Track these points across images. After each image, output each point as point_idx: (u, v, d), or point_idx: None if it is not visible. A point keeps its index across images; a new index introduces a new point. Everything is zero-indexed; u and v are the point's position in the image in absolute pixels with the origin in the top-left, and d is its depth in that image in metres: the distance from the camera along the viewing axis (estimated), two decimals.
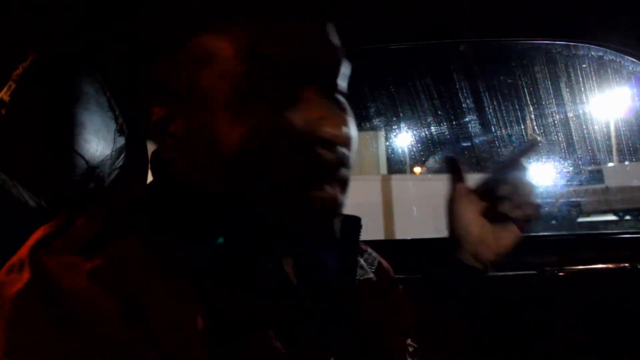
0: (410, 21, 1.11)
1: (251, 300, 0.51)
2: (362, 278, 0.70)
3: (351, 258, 0.64)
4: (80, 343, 0.42)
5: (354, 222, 0.65)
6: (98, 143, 0.73)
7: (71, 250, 0.46)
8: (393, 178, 10.44)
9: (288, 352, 0.50)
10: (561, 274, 1.22)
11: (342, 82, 0.59)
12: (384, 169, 11.77)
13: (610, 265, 1.23)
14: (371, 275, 0.72)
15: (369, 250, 0.78)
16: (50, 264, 0.45)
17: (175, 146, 0.56)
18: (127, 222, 0.50)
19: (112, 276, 0.45)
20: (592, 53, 1.17)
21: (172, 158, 0.57)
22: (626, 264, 1.22)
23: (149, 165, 0.62)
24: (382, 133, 10.91)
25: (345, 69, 0.58)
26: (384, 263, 0.79)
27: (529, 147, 0.86)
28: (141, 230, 0.49)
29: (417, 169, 10.66)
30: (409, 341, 0.70)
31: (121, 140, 0.77)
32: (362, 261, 0.73)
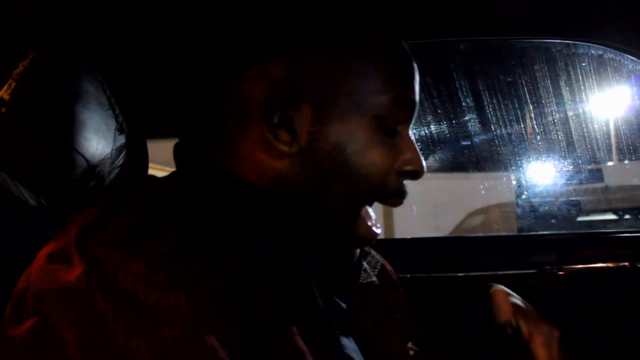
0: (410, 19, 1.11)
1: (275, 296, 0.51)
2: (365, 281, 0.70)
3: (355, 261, 0.64)
4: (150, 333, 0.42)
5: None
6: (98, 142, 0.73)
7: (114, 243, 0.46)
8: None
9: (309, 349, 0.51)
10: (561, 272, 1.23)
11: None
12: None
13: (610, 264, 1.23)
14: (374, 278, 0.72)
15: (372, 252, 0.79)
16: (101, 254, 0.45)
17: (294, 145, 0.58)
18: (164, 218, 0.50)
19: (165, 268, 0.45)
20: (592, 51, 1.17)
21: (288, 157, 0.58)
22: (626, 263, 1.22)
23: (176, 159, 0.63)
24: None
25: None
26: (387, 266, 0.79)
27: None
28: (178, 227, 0.50)
29: None
30: (410, 344, 0.70)
31: (121, 139, 0.77)
32: (365, 264, 0.73)
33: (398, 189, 0.60)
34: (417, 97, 0.61)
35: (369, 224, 0.61)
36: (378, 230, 0.62)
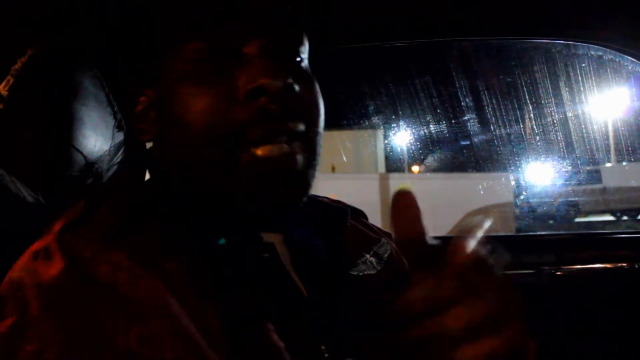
0: (410, 19, 1.11)
1: (249, 291, 0.51)
2: (361, 274, 0.68)
3: (338, 253, 0.64)
4: (129, 323, 0.42)
5: (341, 215, 0.66)
6: (96, 139, 0.73)
7: (96, 238, 0.47)
8: (391, 177, 10.45)
9: (286, 344, 0.51)
10: (559, 273, 1.23)
11: (300, 48, 0.61)
12: (382, 168, 11.77)
13: (608, 265, 1.23)
14: (374, 272, 0.70)
15: (383, 241, 0.75)
16: (82, 248, 0.46)
17: (149, 130, 0.61)
18: (144, 215, 0.51)
19: (147, 260, 0.46)
20: (592, 52, 1.17)
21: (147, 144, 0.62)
22: (624, 264, 1.22)
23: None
24: (380, 131, 10.91)
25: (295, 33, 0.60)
26: (398, 256, 0.74)
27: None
28: (157, 223, 0.51)
29: (415, 168, 10.66)
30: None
31: (120, 136, 0.77)
32: (368, 256, 0.71)
33: (251, 116, 0.53)
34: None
35: (255, 158, 0.53)
36: (290, 153, 0.54)
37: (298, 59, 0.60)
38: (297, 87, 0.55)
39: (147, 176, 0.74)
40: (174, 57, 0.57)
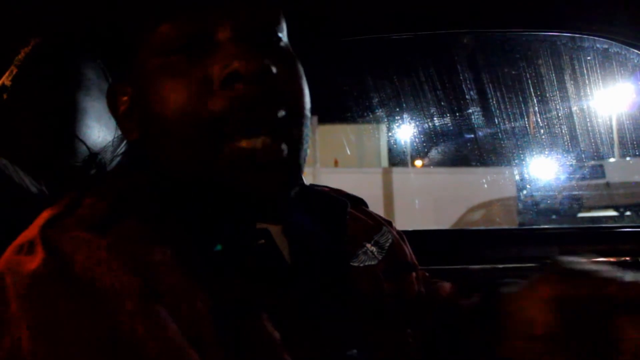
0: (414, 11, 1.10)
1: (244, 280, 0.51)
2: (362, 265, 0.66)
3: (338, 244, 0.63)
4: (103, 315, 0.43)
5: (341, 206, 0.65)
6: (100, 129, 0.73)
7: (82, 228, 0.47)
8: (394, 170, 10.44)
9: (281, 335, 0.50)
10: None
11: (280, 33, 0.58)
12: (385, 162, 11.77)
13: (611, 259, 1.23)
14: (374, 262, 0.69)
15: (384, 229, 0.74)
16: (64, 241, 0.46)
17: (134, 128, 0.59)
18: (129, 206, 0.51)
19: (128, 251, 0.46)
20: (598, 45, 1.16)
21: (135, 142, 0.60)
22: (627, 258, 1.22)
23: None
24: (384, 125, 10.89)
25: (272, 15, 0.58)
26: (399, 244, 0.74)
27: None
28: (142, 213, 0.51)
29: (418, 162, 10.65)
30: (409, 331, 0.68)
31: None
32: (369, 245, 0.70)
33: (229, 105, 0.51)
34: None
35: (236, 149, 0.52)
36: (272, 143, 0.53)
37: (275, 38, 0.57)
38: (274, 69, 0.52)
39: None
40: (146, 50, 0.56)
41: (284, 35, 0.59)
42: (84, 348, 0.42)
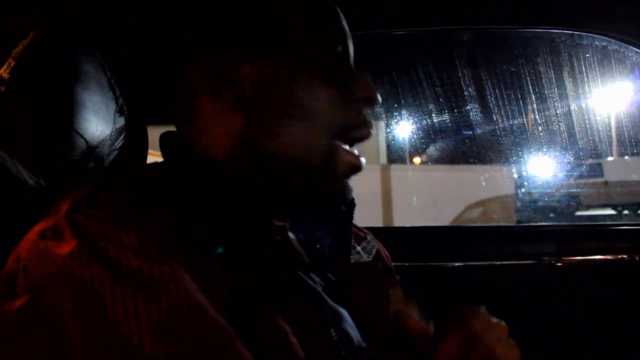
0: (413, 7, 1.10)
1: (259, 275, 0.52)
2: (358, 261, 0.70)
3: (345, 237, 0.66)
4: (148, 297, 0.43)
5: (349, 202, 0.66)
6: (98, 123, 0.72)
7: (103, 218, 0.47)
8: (392, 168, 10.44)
9: (292, 328, 0.51)
10: (559, 264, 1.23)
11: None
12: (383, 159, 11.76)
13: (608, 257, 1.23)
14: (369, 259, 0.72)
15: (369, 237, 0.78)
16: (93, 227, 0.46)
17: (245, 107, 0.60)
18: (150, 197, 0.52)
19: (155, 240, 0.46)
20: (596, 43, 1.16)
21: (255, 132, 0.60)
22: (624, 256, 1.22)
23: (161, 145, 0.65)
24: (382, 122, 10.88)
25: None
26: (383, 252, 0.79)
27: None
28: (163, 206, 0.51)
29: (417, 159, 10.65)
30: None
31: (121, 121, 0.77)
32: (359, 248, 0.73)
33: (359, 118, 0.62)
34: (345, 32, 0.65)
35: (348, 156, 0.62)
36: (361, 159, 0.63)
37: None
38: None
39: (148, 160, 0.74)
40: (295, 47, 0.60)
41: None
42: (134, 330, 0.41)
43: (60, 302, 0.42)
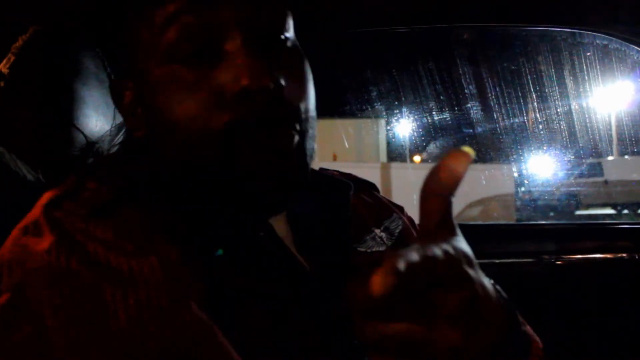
0: (414, 5, 1.10)
1: (238, 270, 0.52)
2: (369, 251, 0.65)
3: (342, 227, 0.62)
4: (125, 292, 0.43)
5: (344, 188, 0.64)
6: (97, 118, 0.72)
7: (81, 214, 0.47)
8: (392, 166, 10.44)
9: (284, 325, 0.51)
10: (559, 262, 1.23)
11: (286, 33, 0.57)
12: (383, 157, 11.76)
13: (608, 255, 1.23)
14: (383, 248, 0.68)
15: (394, 215, 0.73)
16: (70, 223, 0.46)
17: (140, 125, 0.59)
18: (130, 191, 0.52)
19: (133, 236, 0.47)
20: (597, 41, 1.16)
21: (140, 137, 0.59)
22: (624, 254, 1.22)
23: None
24: (383, 120, 10.88)
25: (278, 15, 0.57)
26: (409, 231, 0.73)
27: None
28: (140, 201, 0.51)
29: (417, 157, 10.65)
30: None
31: (121, 117, 0.77)
32: (377, 231, 0.68)
33: (241, 117, 0.52)
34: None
35: (268, 141, 0.52)
36: (288, 141, 0.53)
37: (283, 39, 0.57)
38: (283, 81, 0.53)
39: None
40: (150, 53, 0.54)
41: (290, 33, 0.58)
42: (113, 323, 0.42)
43: (40, 297, 0.43)
